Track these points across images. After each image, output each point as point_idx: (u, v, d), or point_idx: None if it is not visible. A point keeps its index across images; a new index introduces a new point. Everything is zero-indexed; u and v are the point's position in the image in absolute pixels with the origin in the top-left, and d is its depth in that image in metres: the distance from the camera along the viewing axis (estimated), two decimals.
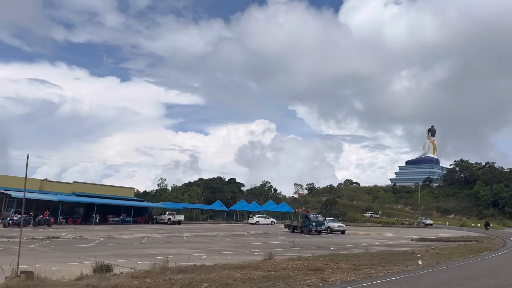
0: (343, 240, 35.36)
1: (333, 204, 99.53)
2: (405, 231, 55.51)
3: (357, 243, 31.64)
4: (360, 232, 48.87)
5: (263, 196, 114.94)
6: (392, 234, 46.07)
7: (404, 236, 42.30)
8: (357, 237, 39.98)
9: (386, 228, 63.56)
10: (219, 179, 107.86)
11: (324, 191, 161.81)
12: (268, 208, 75.77)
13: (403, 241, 35.52)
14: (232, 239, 32.19)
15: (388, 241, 34.45)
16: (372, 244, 30.84)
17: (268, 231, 45.60)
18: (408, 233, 49.34)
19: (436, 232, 53.85)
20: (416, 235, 42.69)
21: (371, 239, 36.79)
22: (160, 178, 77.57)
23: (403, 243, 32.37)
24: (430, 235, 42.80)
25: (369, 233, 47.50)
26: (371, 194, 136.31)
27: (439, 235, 44.77)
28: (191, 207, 69.45)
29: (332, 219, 48.92)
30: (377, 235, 42.97)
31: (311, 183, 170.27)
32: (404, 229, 65.11)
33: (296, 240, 27.39)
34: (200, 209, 72.47)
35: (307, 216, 42.19)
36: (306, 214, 42.71)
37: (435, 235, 44.51)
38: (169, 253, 18.95)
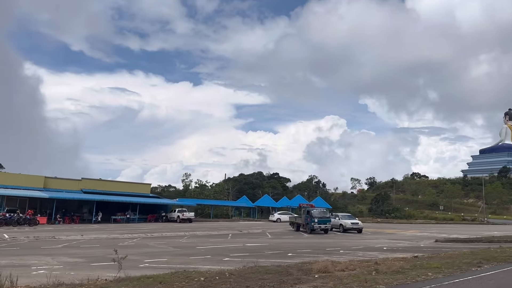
0: (342, 241, 27.31)
1: (384, 199, 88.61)
2: (453, 229, 45.19)
3: (353, 245, 23.68)
4: (388, 230, 39.80)
5: (310, 192, 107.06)
6: (426, 233, 36.62)
7: (437, 235, 32.94)
8: (371, 237, 31.42)
9: (433, 226, 53.17)
10: (259, 174, 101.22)
11: (385, 185, 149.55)
12: (295, 203, 67.79)
13: (425, 242, 26.76)
14: (214, 243, 25.45)
15: (402, 243, 25.96)
16: (369, 247, 22.68)
17: (276, 230, 38.38)
18: (453, 231, 39.53)
19: (496, 229, 43.06)
20: (455, 234, 33.17)
21: (385, 240, 28.31)
22: (184, 174, 72.55)
23: (416, 246, 23.77)
24: (474, 234, 32.96)
25: (396, 231, 38.38)
26: (437, 188, 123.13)
27: (492, 233, 34.80)
28: (209, 203, 63.40)
29: (347, 214, 40.19)
30: (402, 235, 33.95)
31: (371, 177, 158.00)
32: (459, 226, 54.21)
33: (284, 241, 20.38)
34: (228, 206, 66.15)
35: (309, 211, 34.22)
36: (308, 209, 34.73)
37: (486, 233, 34.44)
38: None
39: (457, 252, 16.81)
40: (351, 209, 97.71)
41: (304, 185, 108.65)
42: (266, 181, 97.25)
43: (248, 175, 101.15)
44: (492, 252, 16.70)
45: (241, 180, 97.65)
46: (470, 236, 29.82)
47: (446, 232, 38.23)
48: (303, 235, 32.90)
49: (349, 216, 38.16)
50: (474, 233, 35.73)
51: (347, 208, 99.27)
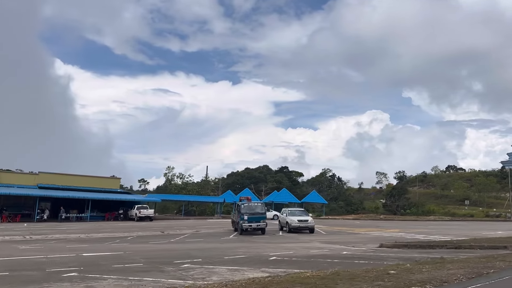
0: (249, 245, 19.77)
1: (401, 194, 79.06)
2: (450, 228, 36.26)
3: (242, 253, 16.44)
4: (357, 230, 31.64)
5: (324, 186, 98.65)
6: (400, 234, 28.27)
7: (405, 236, 24.70)
8: (311, 239, 23.65)
9: (434, 224, 44.16)
10: (265, 168, 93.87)
11: (415, 180, 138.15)
12: (287, 199, 59.92)
13: (368, 246, 18.89)
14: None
15: (330, 248, 18.30)
16: (253, 257, 15.23)
17: (215, 230, 31.20)
18: (443, 231, 31.01)
19: (503, 229, 33.95)
20: (431, 236, 24.80)
21: (320, 244, 20.63)
22: (167, 167, 66.35)
23: (335, 255, 16.08)
24: (453, 236, 24.50)
25: (363, 231, 30.18)
26: (471, 181, 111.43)
27: (484, 235, 26.23)
28: (180, 199, 56.78)
29: (298, 210, 31.92)
30: (359, 236, 25.91)
31: (400, 171, 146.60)
32: (467, 224, 44.82)
33: (168, 247, 17.80)
34: (209, 202, 59.38)
35: (239, 206, 26.75)
36: (238, 204, 27.22)
37: (474, 234, 25.82)
38: None
39: (352, 271, 9.24)
40: (367, 205, 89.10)
41: (316, 179, 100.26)
42: (271, 175, 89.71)
43: (253, 169, 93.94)
44: (393, 269, 8.96)
45: (244, 174, 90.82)
46: (434, 239, 21.50)
47: (431, 232, 29.71)
48: (229, 237, 25.57)
49: (300, 212, 30.08)
50: (463, 233, 27.25)
51: (362, 204, 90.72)
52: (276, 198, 59.69)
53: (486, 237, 23.23)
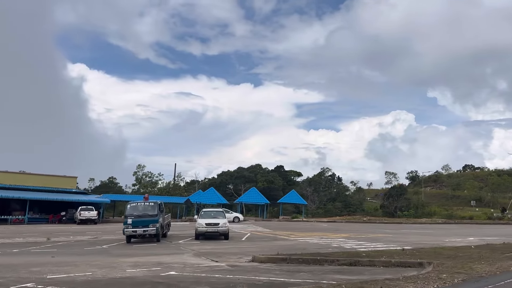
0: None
1: (400, 194, 72.21)
2: (428, 232, 29.95)
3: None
4: (302, 234, 25.69)
5: (322, 186, 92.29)
6: (339, 239, 22.26)
7: (344, 241, 18.81)
8: (184, 249, 18.00)
9: (412, 227, 37.67)
10: (257, 167, 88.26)
11: (428, 180, 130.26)
12: (256, 200, 53.96)
13: (240, 260, 13.28)
14: None
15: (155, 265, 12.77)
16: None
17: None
18: (410, 236, 24.87)
19: (487, 234, 27.52)
20: (361, 242, 18.84)
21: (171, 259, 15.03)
22: (138, 165, 61.54)
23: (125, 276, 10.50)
24: (399, 243, 18.48)
25: (306, 236, 24.25)
26: (483, 181, 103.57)
27: (450, 241, 20.11)
28: (131, 199, 51.54)
29: (215, 210, 25.80)
30: (278, 244, 20.12)
31: (413, 171, 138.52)
32: (456, 227, 38.22)
33: None
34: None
35: (127, 209, 21.28)
36: (128, 206, 21.65)
37: (444, 241, 19.78)
38: None
39: None
40: (366, 205, 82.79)
41: (314, 179, 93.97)
42: (261, 175, 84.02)
43: (244, 169, 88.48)
44: None
45: (233, 174, 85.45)
46: (359, 248, 15.53)
47: (383, 238, 23.60)
48: (105, 246, 20.14)
49: (217, 213, 24.16)
50: (423, 240, 21.24)
51: (362, 205, 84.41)
52: (245, 199, 53.94)
53: (429, 247, 17.25)
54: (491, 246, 17.29)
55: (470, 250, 15.77)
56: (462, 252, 15.17)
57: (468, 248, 16.60)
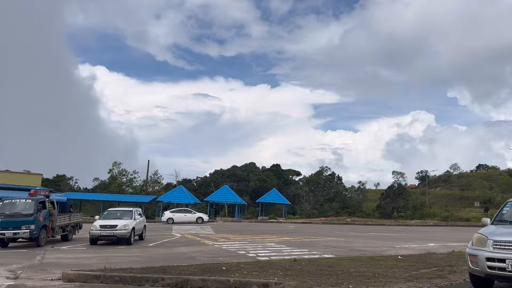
0: None
1: (397, 194, 67.92)
2: (397, 235, 26.03)
3: None
4: (233, 237, 22.11)
5: (319, 186, 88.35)
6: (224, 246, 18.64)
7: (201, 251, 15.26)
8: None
9: (392, 230, 33.58)
10: (251, 165, 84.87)
11: (439, 180, 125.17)
12: (226, 199, 50.23)
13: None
14: None
15: None
16: None
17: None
18: (356, 241, 21.12)
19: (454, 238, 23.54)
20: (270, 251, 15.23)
21: None
22: (114, 162, 58.36)
23: None
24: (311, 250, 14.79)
25: (237, 239, 20.65)
26: (495, 182, 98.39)
27: (402, 247, 16.35)
28: (92, 198, 48.81)
29: (124, 210, 22.04)
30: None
31: (423, 170, 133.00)
32: (441, 230, 34.09)
33: None
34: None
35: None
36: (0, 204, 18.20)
37: (395, 247, 16.05)
38: None
39: None
40: (365, 207, 78.73)
41: (311, 178, 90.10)
42: (254, 174, 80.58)
43: (238, 167, 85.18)
44: None
45: (224, 173, 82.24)
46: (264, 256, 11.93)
47: (328, 243, 19.88)
48: None
49: (125, 212, 20.26)
50: (373, 244, 17.56)
51: (361, 205, 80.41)
52: (216, 198, 50.37)
53: (349, 256, 13.57)
54: (425, 257, 13.52)
55: (388, 262, 12.03)
56: (374, 264, 11.50)
57: (392, 259, 12.86)
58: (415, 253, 15.03)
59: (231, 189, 55.16)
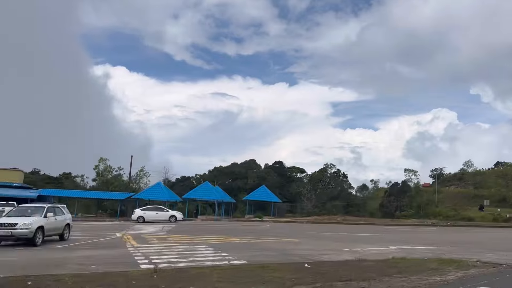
0: None
1: (400, 193, 64.35)
2: (370, 235, 23.01)
3: None
4: (170, 238, 19.48)
5: (323, 184, 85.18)
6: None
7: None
8: None
9: (372, 229, 30.42)
10: (251, 162, 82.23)
11: (453, 178, 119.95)
12: (206, 196, 47.24)
13: None
14: None
15: None
16: None
17: None
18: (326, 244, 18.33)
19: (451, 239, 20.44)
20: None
21: None
22: (100, 158, 56.10)
23: None
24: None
25: (171, 238, 18.01)
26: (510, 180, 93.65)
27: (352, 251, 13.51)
28: (64, 195, 46.70)
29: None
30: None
31: (437, 168, 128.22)
32: (434, 231, 30.77)
33: None
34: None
35: None
36: None
37: (343, 250, 13.20)
38: None
39: None
40: (370, 205, 75.38)
41: (314, 176, 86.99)
42: (254, 171, 77.91)
43: (238, 165, 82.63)
44: None
45: (223, 170, 79.82)
46: None
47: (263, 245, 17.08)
48: None
49: (36, 209, 17.67)
50: (321, 247, 14.67)
51: (366, 204, 77.16)
52: (195, 195, 47.60)
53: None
54: (344, 264, 10.62)
55: (275, 273, 9.20)
56: (254, 275, 8.72)
57: (291, 269, 10.05)
58: (344, 259, 12.14)
59: (218, 187, 52.48)
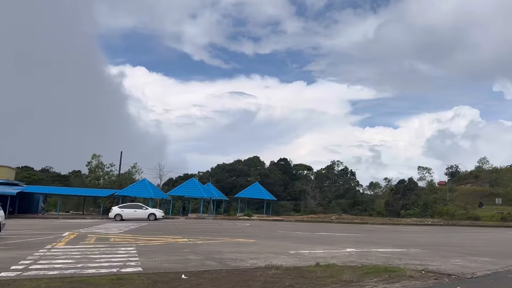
0: None
1: (406, 190, 61.24)
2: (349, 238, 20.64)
3: None
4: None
5: (329, 182, 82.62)
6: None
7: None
8: None
9: (359, 229, 27.94)
10: (254, 159, 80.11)
11: (469, 176, 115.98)
12: (192, 193, 44.91)
13: None
14: None
15: None
16: None
17: None
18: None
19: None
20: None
21: None
22: (93, 154, 54.70)
23: None
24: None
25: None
26: None
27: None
28: (42, 191, 45.01)
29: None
30: None
31: (453, 165, 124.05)
32: (435, 231, 28.12)
33: None
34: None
35: None
36: None
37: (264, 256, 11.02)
38: None
39: None
40: (376, 204, 72.54)
41: (319, 173, 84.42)
42: (256, 169, 75.70)
43: (241, 162, 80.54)
44: None
45: (225, 167, 77.78)
46: None
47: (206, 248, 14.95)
48: None
49: None
50: (269, 249, 12.42)
51: (373, 203, 74.40)
52: (181, 192, 45.49)
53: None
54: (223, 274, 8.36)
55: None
56: None
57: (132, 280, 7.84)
58: (251, 266, 9.92)
59: (210, 183, 50.44)
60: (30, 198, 45.18)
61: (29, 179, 65.94)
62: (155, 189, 44.17)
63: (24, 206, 41.54)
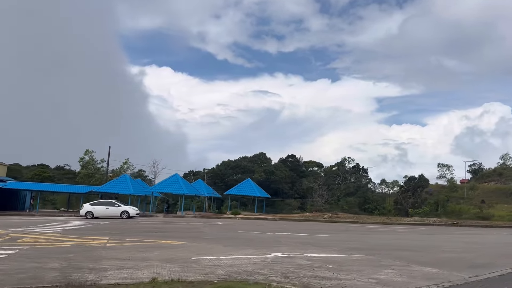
0: None
1: (416, 188, 57.63)
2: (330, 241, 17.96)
3: None
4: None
5: (338, 179, 79.46)
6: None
7: None
8: None
9: (353, 231, 25.12)
10: (261, 156, 77.57)
11: (493, 173, 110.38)
12: (175, 190, 42.26)
13: None
14: None
15: None
16: None
17: None
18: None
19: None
20: None
21: None
22: (86, 150, 53.14)
23: None
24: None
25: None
26: None
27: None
28: (21, 187, 43.47)
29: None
30: None
31: (476, 163, 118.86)
32: (429, 233, 25.09)
33: None
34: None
35: None
36: None
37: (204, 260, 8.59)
38: None
39: None
40: (387, 203, 69.15)
41: (328, 171, 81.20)
42: (261, 165, 73.14)
43: (247, 158, 78.16)
44: None
45: (229, 164, 75.59)
46: None
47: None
48: None
49: None
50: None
51: (384, 201, 71.16)
52: (160, 188, 43.03)
53: None
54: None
55: None
56: None
57: None
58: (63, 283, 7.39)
59: (201, 180, 48.20)
60: (15, 194, 44.01)
61: (40, 176, 66.05)
62: (136, 185, 41.96)
63: (4, 202, 40.22)
